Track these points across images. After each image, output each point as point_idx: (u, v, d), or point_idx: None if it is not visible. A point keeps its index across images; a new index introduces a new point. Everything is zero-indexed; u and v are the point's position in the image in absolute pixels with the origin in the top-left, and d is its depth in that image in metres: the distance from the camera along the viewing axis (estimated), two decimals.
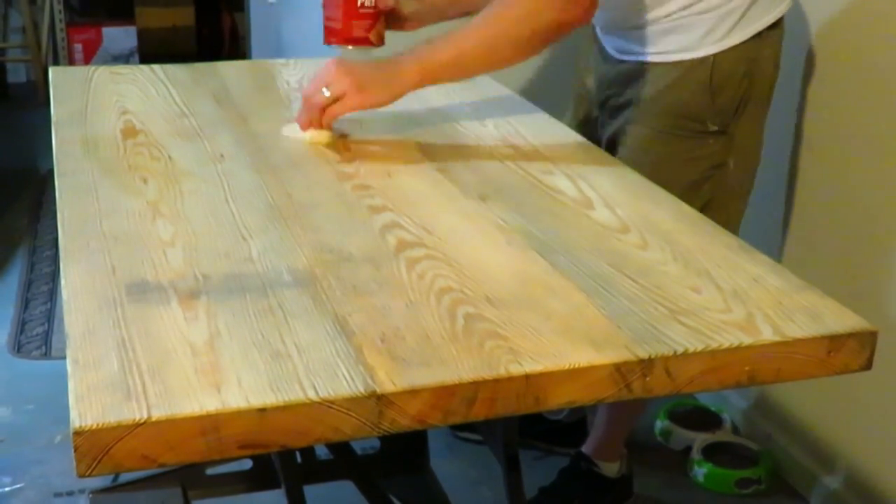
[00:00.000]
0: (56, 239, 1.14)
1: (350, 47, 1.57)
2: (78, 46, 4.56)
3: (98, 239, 1.08)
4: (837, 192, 1.85)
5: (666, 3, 1.55)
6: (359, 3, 1.54)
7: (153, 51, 4.51)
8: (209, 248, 1.07)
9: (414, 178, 1.30)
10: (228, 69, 1.80)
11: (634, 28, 1.60)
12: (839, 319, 0.97)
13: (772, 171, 2.01)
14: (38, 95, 4.31)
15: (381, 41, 1.58)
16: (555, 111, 1.72)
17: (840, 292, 1.06)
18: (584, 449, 1.89)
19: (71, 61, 4.53)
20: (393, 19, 1.60)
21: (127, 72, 1.75)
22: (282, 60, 1.90)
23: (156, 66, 1.77)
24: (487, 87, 1.74)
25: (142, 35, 4.61)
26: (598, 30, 1.71)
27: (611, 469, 1.88)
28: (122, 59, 4.58)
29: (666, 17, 1.56)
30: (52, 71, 1.73)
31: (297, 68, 1.80)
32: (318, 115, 1.39)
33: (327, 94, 1.36)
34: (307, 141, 1.41)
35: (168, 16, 4.64)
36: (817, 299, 1.01)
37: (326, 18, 1.58)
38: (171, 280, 0.99)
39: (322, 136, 1.41)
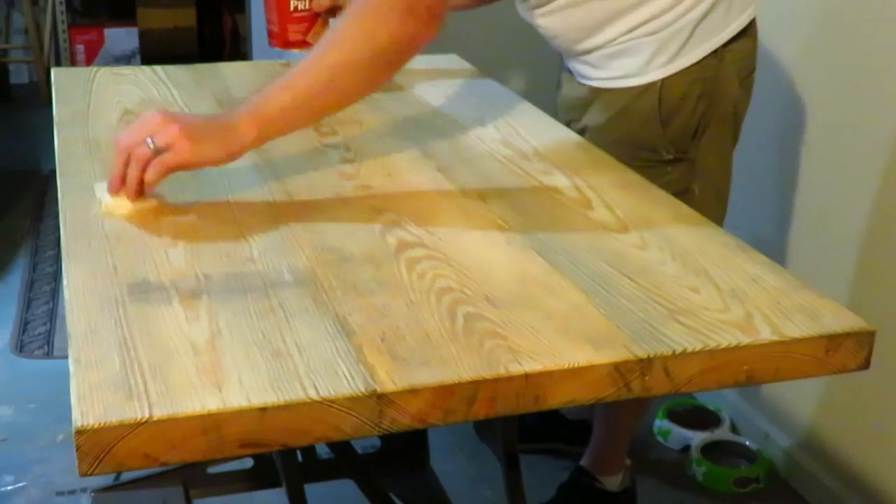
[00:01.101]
0: (58, 239, 1.15)
1: (295, 51, 1.54)
2: (80, 47, 4.57)
3: (100, 239, 1.09)
4: (835, 191, 1.86)
5: (609, 27, 1.48)
6: (291, 7, 1.54)
7: (155, 52, 4.51)
8: (210, 247, 1.08)
9: (414, 179, 1.31)
10: (230, 70, 1.81)
11: (583, 53, 1.54)
12: (837, 319, 0.97)
13: (769, 170, 2.01)
14: (40, 96, 4.31)
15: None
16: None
17: (838, 291, 1.06)
18: (584, 463, 1.84)
19: (73, 62, 4.53)
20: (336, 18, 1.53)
21: (129, 73, 1.76)
22: (282, 61, 1.91)
23: (157, 67, 1.78)
24: (488, 87, 1.75)
25: (143, 36, 4.62)
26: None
27: (612, 483, 1.83)
28: (123, 60, 4.58)
29: (611, 41, 1.50)
30: (54, 72, 1.74)
31: None
32: (138, 172, 1.13)
33: (151, 144, 1.12)
34: (105, 208, 1.15)
35: (169, 17, 4.65)
36: (815, 299, 1.01)
37: (267, 21, 1.58)
38: (173, 280, 1.00)
39: (123, 204, 1.14)
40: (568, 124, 1.59)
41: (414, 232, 1.13)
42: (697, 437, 2.08)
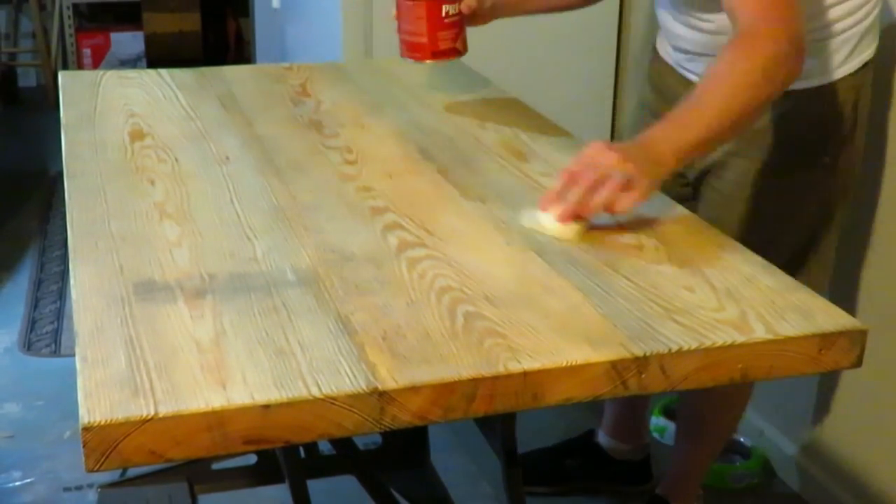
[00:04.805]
0: (65, 239, 1.16)
1: (429, 61, 1.47)
2: (87, 51, 4.59)
3: (106, 239, 1.10)
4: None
5: None
6: (444, 13, 1.42)
7: (160, 55, 4.53)
8: (215, 248, 1.09)
9: (415, 180, 1.32)
10: (233, 73, 1.82)
11: None
12: (830, 318, 0.98)
13: None
14: (48, 99, 4.34)
15: (466, 48, 1.48)
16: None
17: (832, 291, 1.07)
18: (660, 490, 1.84)
19: (80, 66, 4.55)
20: (469, 18, 1.49)
21: (134, 76, 1.77)
22: (286, 64, 1.92)
23: (163, 71, 1.79)
24: (488, 89, 1.76)
25: (149, 40, 4.64)
26: (682, 55, 1.55)
27: None
28: (129, 63, 4.61)
29: None
30: (61, 75, 1.75)
31: (301, 72, 1.82)
32: (607, 197, 1.13)
33: (619, 177, 1.13)
34: (558, 234, 1.14)
35: (175, 21, 4.67)
36: (809, 298, 1.02)
37: (407, 33, 1.45)
38: (178, 279, 1.01)
39: (573, 229, 1.15)
40: None
41: (414, 232, 1.15)
42: None
